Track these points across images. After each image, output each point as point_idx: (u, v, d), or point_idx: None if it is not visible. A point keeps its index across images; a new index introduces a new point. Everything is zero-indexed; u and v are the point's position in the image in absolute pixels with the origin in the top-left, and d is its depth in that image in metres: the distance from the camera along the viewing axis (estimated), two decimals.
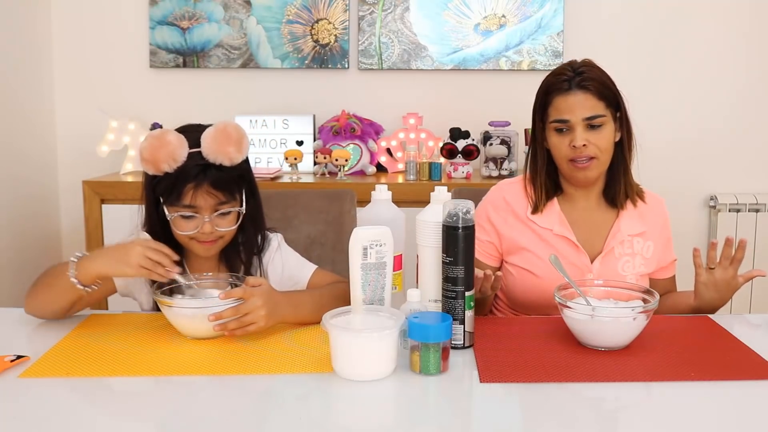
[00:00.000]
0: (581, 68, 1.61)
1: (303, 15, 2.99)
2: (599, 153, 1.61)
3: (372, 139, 2.89)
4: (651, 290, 1.36)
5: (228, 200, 1.50)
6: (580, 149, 1.59)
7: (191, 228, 1.48)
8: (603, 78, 1.62)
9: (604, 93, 1.61)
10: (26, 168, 2.90)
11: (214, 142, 1.45)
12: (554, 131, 1.62)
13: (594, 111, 1.59)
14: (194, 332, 1.36)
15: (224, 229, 1.50)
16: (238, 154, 1.48)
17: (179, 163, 1.44)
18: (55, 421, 1.07)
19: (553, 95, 1.61)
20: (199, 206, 1.47)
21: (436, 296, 1.36)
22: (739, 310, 3.02)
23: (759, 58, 2.99)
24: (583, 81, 1.59)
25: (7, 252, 2.76)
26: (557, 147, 1.62)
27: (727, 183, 3.06)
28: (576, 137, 1.58)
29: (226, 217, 1.51)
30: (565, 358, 1.27)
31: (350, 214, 2.00)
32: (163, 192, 1.47)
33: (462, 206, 1.31)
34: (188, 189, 1.45)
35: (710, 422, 1.07)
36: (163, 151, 1.43)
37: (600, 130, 1.60)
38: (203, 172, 1.45)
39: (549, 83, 1.63)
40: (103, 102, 3.01)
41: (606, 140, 1.61)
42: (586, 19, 2.98)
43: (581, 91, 1.59)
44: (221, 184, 1.47)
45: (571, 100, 1.59)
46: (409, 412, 1.13)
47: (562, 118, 1.59)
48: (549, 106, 1.62)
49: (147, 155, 1.44)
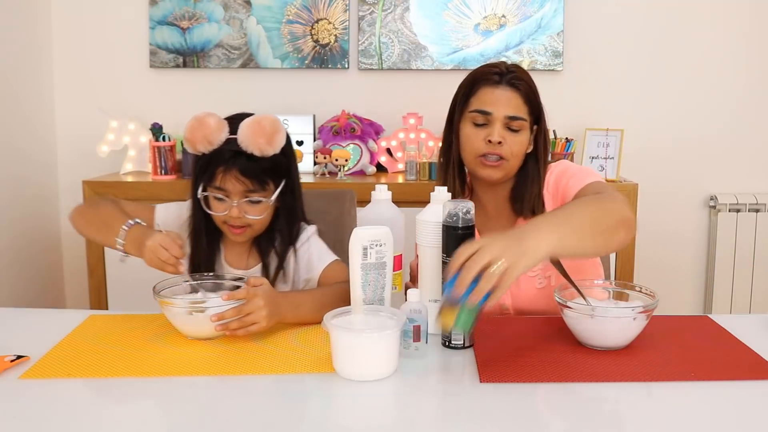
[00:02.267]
0: (513, 68, 1.60)
1: (303, 15, 2.99)
2: (510, 156, 1.57)
3: (372, 139, 2.89)
4: (651, 290, 1.36)
5: (257, 189, 1.55)
6: (494, 145, 1.55)
7: (220, 210, 1.55)
8: (531, 85, 1.60)
9: (530, 98, 1.59)
10: (26, 168, 2.90)
11: (248, 132, 1.51)
12: (471, 123, 1.59)
13: (517, 112, 1.57)
14: (194, 332, 1.37)
15: (252, 217, 1.56)
16: (269, 147, 1.52)
17: (214, 145, 1.52)
18: (56, 421, 1.07)
19: (480, 85, 1.58)
20: (228, 190, 1.54)
21: (436, 296, 1.36)
22: (739, 310, 3.03)
23: (759, 58, 3.00)
24: (514, 80, 1.57)
25: (7, 252, 2.76)
26: (470, 139, 1.58)
27: (727, 183, 3.06)
28: (494, 132, 1.55)
29: (255, 206, 1.56)
30: (565, 358, 1.27)
31: (350, 214, 2.00)
32: (199, 171, 1.57)
33: (462, 206, 1.31)
34: (219, 171, 1.53)
35: (710, 422, 1.07)
36: (200, 132, 1.52)
37: (517, 134, 1.57)
38: (234, 158, 1.52)
39: (478, 73, 1.60)
40: (103, 102, 3.01)
41: (520, 145, 1.58)
42: (586, 19, 2.99)
43: (510, 88, 1.57)
44: (250, 173, 1.53)
45: (498, 93, 1.56)
46: (409, 412, 1.13)
47: (485, 110, 1.56)
48: (472, 96, 1.59)
49: (187, 135, 1.54)
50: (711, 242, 3.07)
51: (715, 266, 3.03)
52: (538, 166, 1.62)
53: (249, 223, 1.57)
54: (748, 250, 3.00)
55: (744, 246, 3.00)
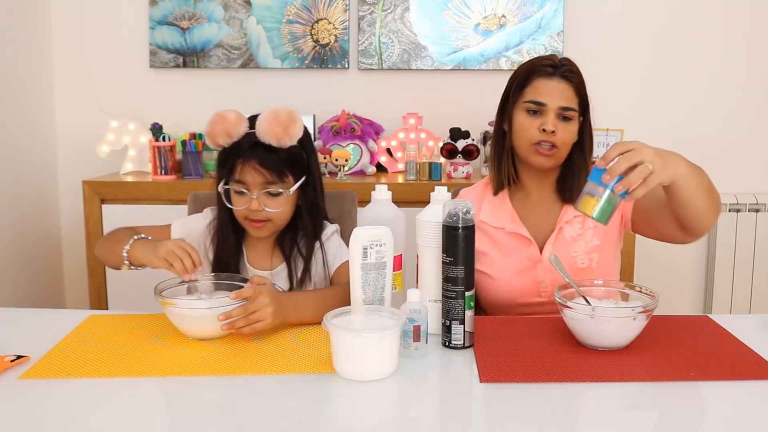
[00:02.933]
0: (566, 61, 1.66)
1: (303, 15, 2.99)
2: (562, 144, 1.63)
3: (372, 139, 2.89)
4: (651, 290, 1.36)
5: (276, 181, 1.57)
6: (548, 134, 1.61)
7: (242, 204, 1.58)
8: (582, 78, 1.66)
9: (581, 91, 1.66)
10: (26, 168, 2.90)
11: (266, 123, 1.55)
12: (525, 112, 1.64)
13: (570, 102, 1.63)
14: (195, 332, 1.37)
15: (272, 210, 1.58)
16: (285, 136, 1.55)
17: (234, 138, 1.57)
18: (56, 421, 1.07)
19: (534, 76, 1.64)
20: (247, 182, 1.57)
21: (436, 296, 1.36)
22: (739, 310, 3.03)
23: (759, 58, 2.99)
24: (567, 72, 1.64)
25: (7, 252, 2.76)
26: (525, 128, 1.64)
27: (727, 183, 3.06)
28: (548, 121, 1.61)
29: (274, 199, 1.58)
30: (565, 358, 1.27)
31: (350, 214, 2.00)
32: (220, 164, 1.61)
33: (462, 206, 1.31)
34: (238, 164, 1.56)
35: (710, 422, 1.08)
36: (219, 126, 1.56)
37: (568, 123, 1.63)
38: (252, 149, 1.56)
39: (533, 65, 1.66)
40: (103, 102, 3.01)
41: (571, 134, 1.64)
42: (586, 19, 2.99)
43: (564, 80, 1.63)
44: (269, 164, 1.56)
45: (552, 84, 1.63)
46: (409, 412, 1.13)
47: (539, 100, 1.62)
48: (527, 86, 1.64)
49: (208, 129, 1.59)
50: (711, 242, 3.07)
51: (715, 266, 3.03)
52: (584, 156, 1.69)
53: (269, 217, 1.59)
54: (748, 250, 3.00)
55: (744, 246, 3.00)
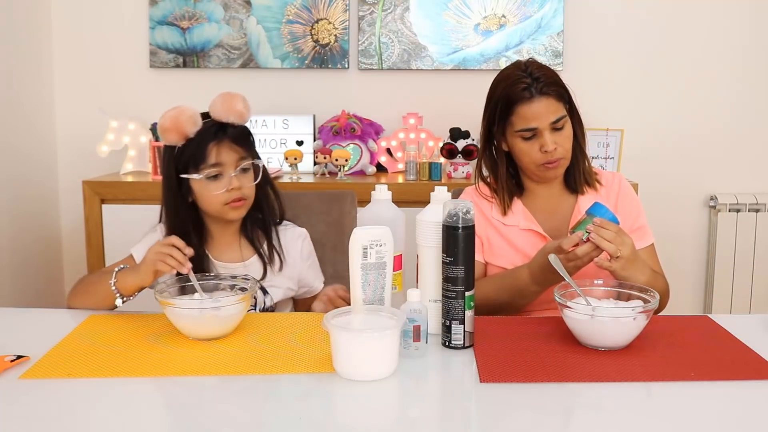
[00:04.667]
0: (535, 73, 1.63)
1: (303, 15, 2.99)
2: (565, 152, 1.66)
3: (372, 139, 2.89)
4: (651, 290, 1.36)
5: (247, 156, 1.63)
6: (551, 153, 1.63)
7: (221, 187, 1.59)
8: (556, 78, 1.66)
9: (561, 93, 1.66)
10: (26, 168, 2.90)
11: (223, 104, 1.60)
12: (521, 139, 1.65)
13: (557, 114, 1.64)
14: (195, 332, 1.37)
15: (248, 186, 1.63)
16: (246, 111, 1.63)
17: (199, 126, 1.59)
18: (56, 421, 1.07)
19: (516, 105, 1.64)
20: (223, 162, 1.59)
21: (436, 296, 1.36)
22: (739, 310, 3.03)
23: (759, 58, 2.99)
24: (544, 87, 1.62)
25: (7, 252, 2.76)
26: (527, 153, 1.66)
27: (727, 183, 3.06)
28: (546, 142, 1.63)
29: (247, 175, 1.64)
30: (565, 358, 1.27)
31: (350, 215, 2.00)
32: (189, 158, 1.59)
33: (462, 206, 1.31)
34: (212, 147, 1.58)
35: (710, 422, 1.08)
36: (183, 116, 1.57)
37: (563, 130, 1.65)
38: (222, 129, 1.60)
39: (509, 93, 1.64)
40: (103, 102, 3.01)
41: (569, 139, 1.67)
42: (586, 19, 2.98)
43: (544, 97, 1.62)
44: (240, 139, 1.62)
45: (535, 107, 1.62)
46: (409, 412, 1.13)
47: (530, 127, 1.63)
48: (512, 115, 1.65)
49: (170, 124, 1.57)
50: (711, 242, 3.07)
51: (715, 266, 3.02)
52: (579, 143, 1.72)
53: (245, 194, 1.63)
54: (748, 250, 3.00)
55: (744, 246, 3.00)
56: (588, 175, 1.75)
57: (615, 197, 1.75)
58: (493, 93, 1.68)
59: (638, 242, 1.72)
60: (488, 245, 1.74)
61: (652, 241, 1.76)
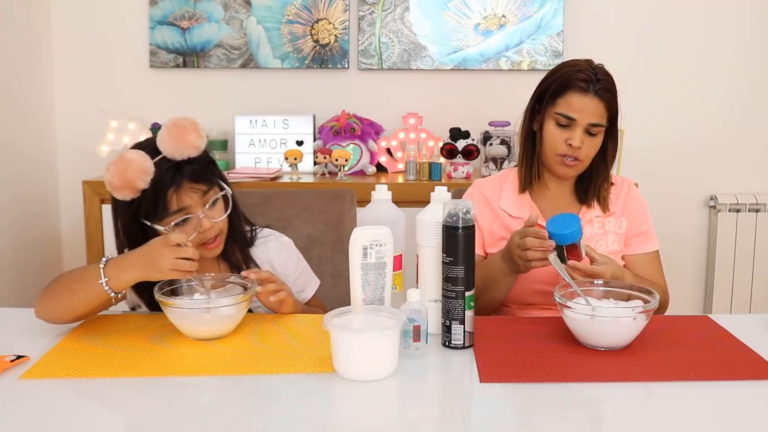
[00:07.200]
0: (600, 75, 1.64)
1: (303, 15, 2.99)
2: (585, 158, 1.67)
3: (372, 139, 2.89)
4: (651, 290, 1.36)
5: (210, 188, 1.49)
6: (574, 149, 1.64)
7: (192, 231, 1.46)
8: (614, 92, 1.67)
9: (612, 107, 1.66)
10: (26, 168, 2.90)
11: (173, 139, 1.43)
12: (555, 122, 1.66)
13: (599, 119, 1.64)
14: (195, 332, 1.37)
15: (220, 219, 1.50)
16: (201, 141, 1.46)
17: (151, 175, 1.41)
18: (56, 421, 1.07)
19: (569, 89, 1.64)
20: (188, 206, 1.46)
21: (436, 296, 1.36)
22: (739, 310, 3.03)
23: (759, 58, 3.00)
24: (601, 90, 1.63)
25: (7, 252, 2.76)
26: (553, 138, 1.66)
27: (727, 183, 3.06)
28: (575, 137, 1.63)
29: (215, 207, 1.50)
30: (565, 358, 1.27)
31: (350, 214, 2.00)
32: (148, 211, 1.43)
33: (462, 206, 1.31)
34: (171, 194, 1.44)
35: (710, 422, 1.08)
36: (131, 169, 1.39)
37: (595, 138, 1.66)
38: (177, 171, 1.44)
39: (569, 77, 1.65)
40: (103, 102, 3.01)
41: (596, 148, 1.67)
42: (586, 19, 2.99)
43: (597, 97, 1.63)
44: (199, 176, 1.47)
45: (585, 101, 1.63)
46: (409, 412, 1.13)
47: (570, 115, 1.63)
48: (560, 97, 1.65)
49: (118, 181, 1.40)
50: (711, 242, 3.07)
51: (715, 266, 3.03)
52: (605, 162, 1.71)
53: (219, 228, 1.52)
54: (748, 250, 3.00)
55: (744, 246, 3.00)
56: (602, 192, 1.72)
57: (624, 200, 1.75)
58: (554, 72, 1.69)
59: (641, 246, 1.74)
60: (490, 236, 1.74)
61: (656, 248, 1.76)
